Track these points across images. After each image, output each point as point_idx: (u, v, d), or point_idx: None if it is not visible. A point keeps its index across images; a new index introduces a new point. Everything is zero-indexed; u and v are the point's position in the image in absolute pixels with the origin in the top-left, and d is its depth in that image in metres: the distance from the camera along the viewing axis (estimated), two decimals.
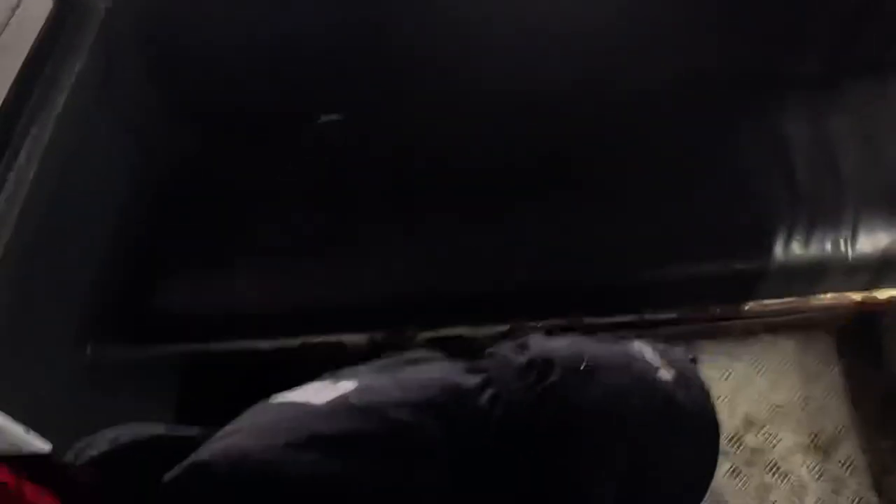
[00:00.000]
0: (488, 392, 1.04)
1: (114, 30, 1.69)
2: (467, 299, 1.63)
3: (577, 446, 1.03)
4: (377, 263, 1.62)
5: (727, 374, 2.08)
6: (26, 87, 1.54)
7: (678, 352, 1.18)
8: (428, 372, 1.09)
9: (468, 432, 1.00)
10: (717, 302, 1.65)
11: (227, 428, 1.00)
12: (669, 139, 1.73)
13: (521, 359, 1.08)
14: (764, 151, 1.72)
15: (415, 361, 1.13)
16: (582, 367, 1.06)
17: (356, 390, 1.03)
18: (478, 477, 1.00)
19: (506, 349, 1.12)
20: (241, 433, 0.99)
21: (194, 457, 0.94)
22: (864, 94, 1.80)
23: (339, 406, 1.01)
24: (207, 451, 0.95)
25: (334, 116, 1.78)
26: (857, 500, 1.89)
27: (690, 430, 1.12)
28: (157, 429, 1.01)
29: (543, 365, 1.06)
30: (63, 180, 1.52)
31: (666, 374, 1.11)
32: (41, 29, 1.62)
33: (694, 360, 2.01)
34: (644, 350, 1.14)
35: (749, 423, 2.01)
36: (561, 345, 1.11)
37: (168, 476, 0.92)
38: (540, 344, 1.11)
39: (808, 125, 1.75)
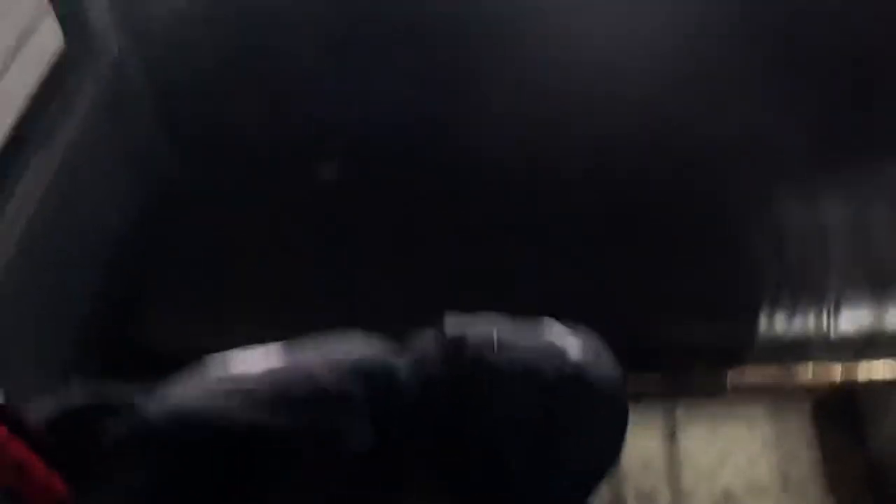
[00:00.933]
0: (409, 364, 1.16)
1: (125, 71, 1.72)
2: None
3: (488, 409, 1.14)
4: (375, 316, 1.63)
5: (707, 447, 2.08)
6: (36, 117, 1.57)
7: (591, 336, 1.25)
8: (352, 346, 1.20)
9: (388, 395, 1.12)
10: (701, 369, 1.67)
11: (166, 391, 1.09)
12: (663, 207, 1.77)
13: (440, 339, 1.19)
14: (756, 224, 1.76)
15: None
16: (494, 342, 1.17)
17: (286, 362, 1.14)
18: (398, 436, 1.11)
19: (427, 334, 1.21)
20: (181, 393, 1.08)
21: (135, 415, 1.03)
22: (858, 175, 1.85)
23: (271, 373, 1.11)
24: (148, 410, 1.04)
25: (333, 166, 1.81)
26: None
27: (600, 407, 1.20)
28: (104, 391, 1.08)
29: (459, 341, 1.17)
30: (63, 212, 1.54)
31: (577, 353, 1.19)
32: (51, 66, 1.66)
33: (673, 434, 2.07)
34: (556, 328, 1.24)
35: (728, 498, 2.01)
36: (476, 325, 1.22)
37: (110, 435, 1.01)
38: (456, 323, 1.22)
39: (801, 201, 1.80)
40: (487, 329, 1.22)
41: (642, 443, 2.09)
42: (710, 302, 1.66)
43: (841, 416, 2.10)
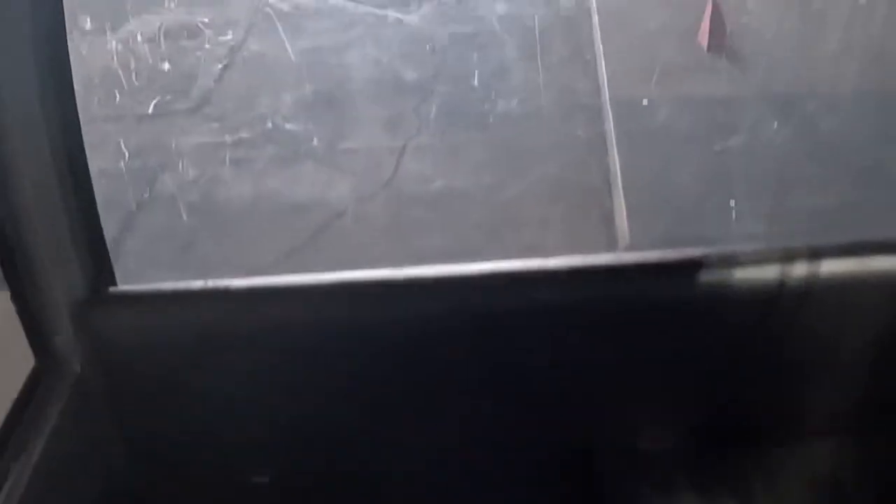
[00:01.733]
0: None
1: (86, 387, 2.00)
2: None
3: None
4: None
5: None
6: (12, 430, 1.81)
7: None
8: None
9: None
10: None
11: None
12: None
13: None
14: None
15: None
16: None
17: None
18: None
19: None
20: None
21: None
22: (714, 469, 2.13)
23: None
24: None
25: (266, 478, 2.09)
26: None
27: None
28: None
29: None
30: None
31: None
32: (21, 389, 1.93)
33: None
34: None
35: None
36: None
37: None
38: None
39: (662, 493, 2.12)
40: None
41: None
42: None
43: None
